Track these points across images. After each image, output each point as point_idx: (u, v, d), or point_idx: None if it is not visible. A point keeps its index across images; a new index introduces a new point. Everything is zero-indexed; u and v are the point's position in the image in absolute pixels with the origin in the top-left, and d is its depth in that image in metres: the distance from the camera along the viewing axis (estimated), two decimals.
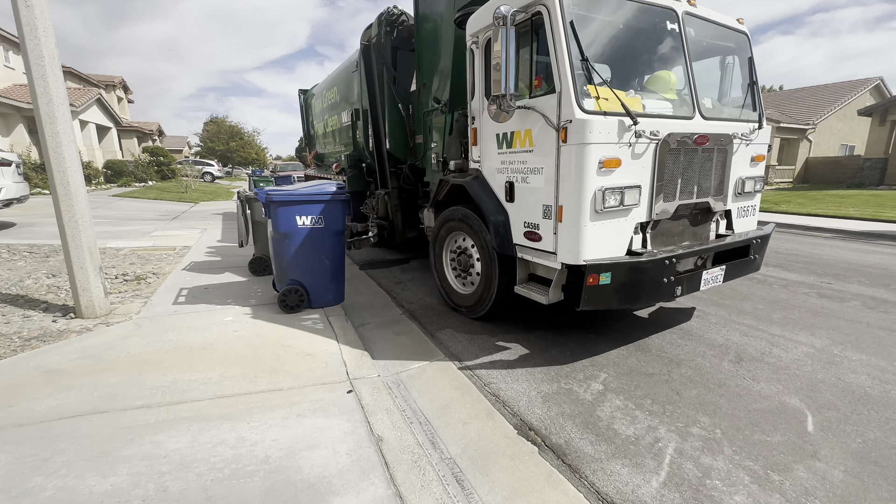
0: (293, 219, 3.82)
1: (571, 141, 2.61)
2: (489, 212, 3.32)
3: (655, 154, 2.83)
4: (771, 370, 2.90)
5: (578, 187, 2.62)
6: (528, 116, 2.91)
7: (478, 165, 3.55)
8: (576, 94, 2.61)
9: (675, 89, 3.17)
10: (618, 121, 2.64)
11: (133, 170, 22.40)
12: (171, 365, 2.83)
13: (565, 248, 2.76)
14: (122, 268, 5.36)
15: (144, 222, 9.75)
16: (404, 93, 5.29)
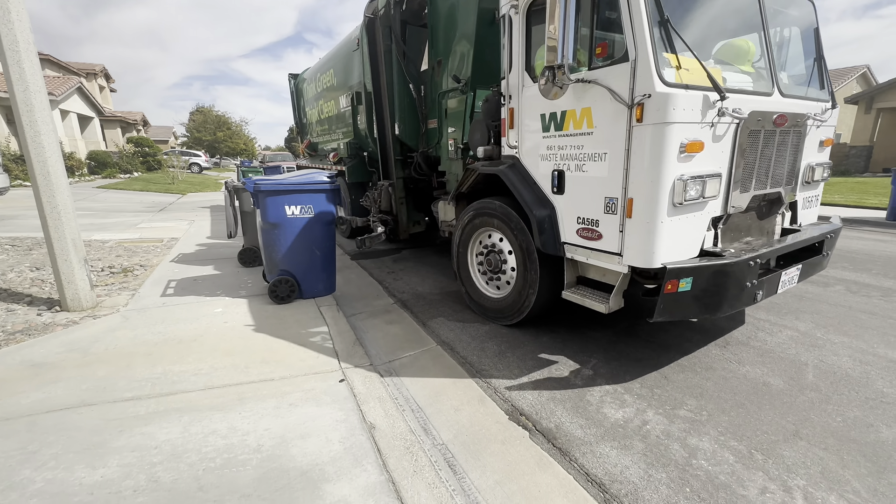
0: (282, 208, 3.77)
1: (649, 120, 2.19)
2: (530, 205, 2.91)
3: (735, 136, 2.45)
4: (756, 353, 2.96)
5: (655, 176, 2.23)
6: (586, 92, 2.49)
7: (514, 152, 3.12)
8: (656, 62, 2.18)
9: (751, 61, 2.78)
10: (702, 96, 2.25)
11: (118, 161, 21.92)
12: (161, 357, 2.80)
13: (635, 248, 2.38)
14: (109, 260, 5.27)
15: (130, 214, 9.58)
16: (415, 72, 4.79)
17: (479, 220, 3.51)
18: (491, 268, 3.51)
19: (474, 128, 3.61)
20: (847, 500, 1.76)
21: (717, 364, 2.83)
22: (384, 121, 5.21)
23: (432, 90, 4.54)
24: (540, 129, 2.87)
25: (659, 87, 2.16)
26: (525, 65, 2.95)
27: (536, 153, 2.94)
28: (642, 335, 3.25)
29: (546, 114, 2.81)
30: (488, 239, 3.53)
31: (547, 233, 2.86)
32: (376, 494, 1.71)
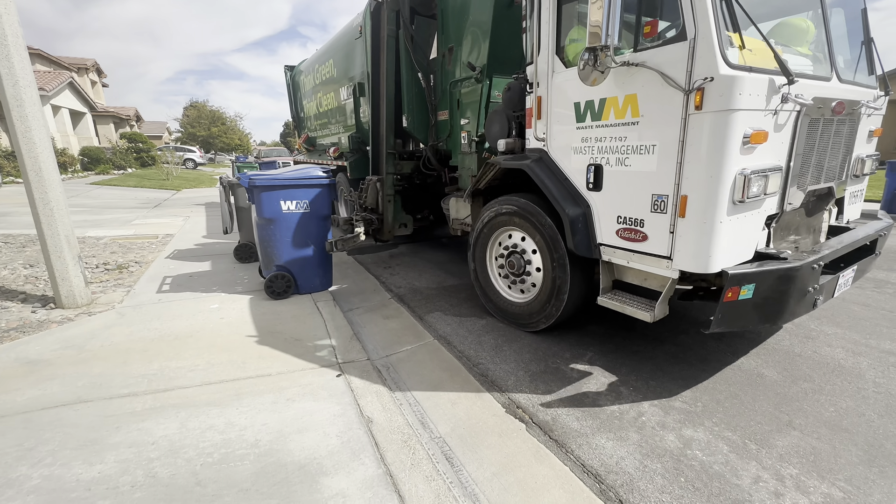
0: (277, 204, 3.76)
1: (710, 107, 1.96)
2: (561, 203, 2.68)
3: (796, 125, 2.25)
4: (750, 345, 2.99)
5: (715, 170, 2.00)
6: (632, 76, 2.24)
7: (541, 144, 2.87)
8: (720, 41, 1.93)
9: (809, 42, 2.57)
10: (768, 80, 2.03)
11: (111, 157, 21.72)
12: (157, 353, 2.80)
13: (688, 251, 2.17)
14: (103, 257, 5.23)
15: (125, 210, 9.51)
16: (423, 60, 4.58)
17: (501, 218, 3.24)
18: (513, 270, 3.26)
19: (492, 119, 3.37)
20: (839, 487, 1.78)
21: (712, 356, 2.85)
22: (379, 110, 5.02)
23: (443, 79, 4.33)
24: (573, 119, 2.63)
25: (723, 69, 1.92)
26: (555, 48, 2.69)
27: (568, 146, 2.70)
28: (638, 327, 3.27)
29: (581, 102, 2.56)
30: (509, 239, 3.29)
31: (580, 233, 2.64)
32: (374, 488, 1.72)
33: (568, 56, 2.66)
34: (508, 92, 3.21)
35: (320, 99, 7.53)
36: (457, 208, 4.21)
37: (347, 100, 6.22)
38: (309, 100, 8.25)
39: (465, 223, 4.12)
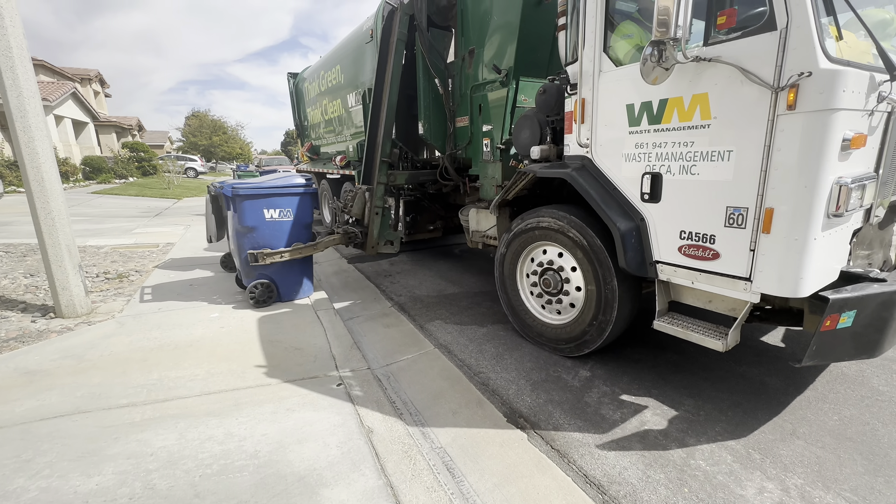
0: (260, 212, 3.81)
1: (806, 106, 1.75)
2: (611, 216, 2.46)
3: (887, 128, 2.05)
4: (753, 353, 2.97)
5: (811, 180, 1.79)
6: (701, 73, 2.04)
7: (585, 151, 2.66)
8: (818, 30, 1.72)
9: (892, 35, 2.37)
10: (868, 76, 1.83)
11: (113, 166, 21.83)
12: (157, 363, 2.78)
13: (773, 272, 1.94)
14: (104, 266, 5.24)
15: (126, 219, 9.53)
16: (441, 64, 4.45)
17: (536, 232, 2.98)
18: (548, 289, 2.99)
19: (521, 124, 3.17)
20: (845, 498, 1.76)
21: (714, 364, 2.84)
22: (378, 116, 4.91)
23: (462, 84, 4.16)
24: (625, 123, 2.42)
25: (823, 62, 1.71)
26: (603, 46, 2.50)
27: (618, 152, 2.49)
28: (639, 335, 3.25)
29: (636, 104, 2.35)
30: (543, 255, 3.03)
31: (633, 249, 2.41)
32: (374, 499, 1.70)
33: (618, 54, 2.49)
34: (543, 95, 3.02)
35: (325, 106, 7.41)
36: (477, 220, 4.03)
37: (356, 106, 6.10)
38: (313, 107, 8.13)
39: (487, 235, 3.97)
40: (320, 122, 7.92)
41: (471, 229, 4.17)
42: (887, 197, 2.28)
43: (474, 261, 5.73)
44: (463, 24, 4.04)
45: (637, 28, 2.44)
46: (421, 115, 4.60)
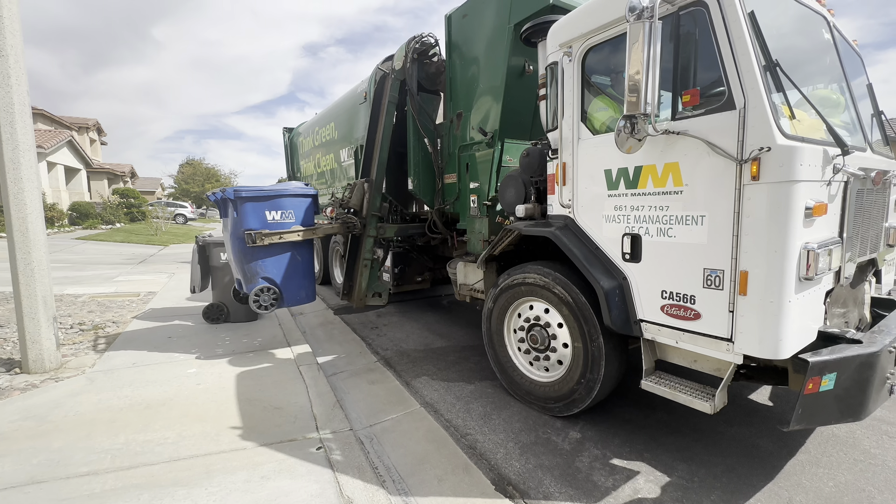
0: (263, 214, 3.84)
1: (768, 178, 1.88)
2: (594, 274, 2.51)
3: (845, 196, 2.21)
4: (743, 413, 2.93)
5: (780, 245, 1.89)
6: (672, 145, 2.18)
7: (567, 211, 2.78)
8: (773, 111, 1.90)
9: (841, 113, 2.62)
10: (822, 150, 2.00)
11: (101, 212, 21.74)
12: (125, 424, 2.63)
13: (753, 333, 1.98)
14: (80, 316, 5.06)
15: (108, 266, 9.35)
16: (430, 125, 4.70)
17: (522, 288, 3.01)
18: (536, 345, 2.98)
19: (507, 183, 3.30)
20: None
21: (705, 424, 2.78)
22: (369, 173, 5.11)
23: (450, 144, 4.37)
24: (604, 187, 2.54)
25: (780, 139, 1.86)
26: (581, 116, 2.67)
27: (599, 213, 2.60)
28: (629, 393, 3.20)
29: (613, 169, 2.48)
30: (530, 311, 3.03)
31: (617, 307, 2.45)
32: None
33: (594, 124, 2.65)
34: (527, 157, 3.18)
35: (318, 159, 7.70)
36: (465, 273, 4.06)
37: (348, 161, 6.36)
38: (307, 160, 8.45)
39: (474, 289, 3.99)
40: (313, 174, 8.20)
41: (458, 282, 4.19)
42: (854, 258, 2.38)
43: (462, 313, 5.69)
44: (451, 89, 4.30)
45: (611, 101, 2.64)
46: (411, 171, 4.77)
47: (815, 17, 2.56)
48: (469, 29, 3.99)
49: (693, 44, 2.14)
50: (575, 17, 2.66)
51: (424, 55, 4.67)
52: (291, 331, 4.70)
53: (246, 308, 4.90)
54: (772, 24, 2.17)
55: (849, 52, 2.83)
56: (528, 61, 3.68)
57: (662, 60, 2.03)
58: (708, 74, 2.11)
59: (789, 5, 2.40)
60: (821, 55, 2.63)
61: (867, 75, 3.08)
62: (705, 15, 2.05)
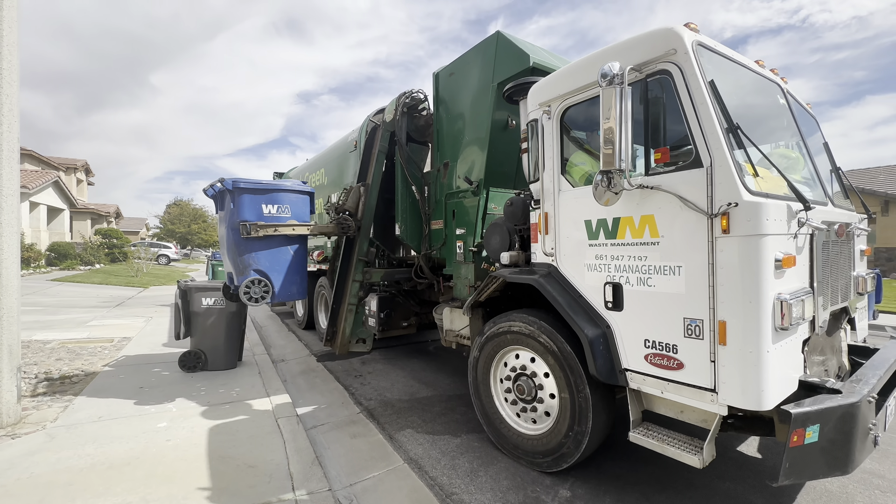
0: (259, 207, 3.92)
1: (738, 231, 1.97)
2: (578, 322, 2.52)
3: (812, 248, 2.31)
4: (734, 466, 2.87)
5: (754, 295, 1.95)
6: (647, 198, 2.28)
7: (550, 260, 2.83)
8: (737, 169, 2.03)
9: (801, 170, 2.77)
10: (786, 205, 2.11)
11: (80, 252, 21.26)
12: (84, 487, 2.43)
13: (735, 384, 1.99)
14: (47, 364, 4.81)
15: (82, 310, 9.01)
16: (418, 174, 4.86)
17: (507, 336, 2.99)
18: (522, 395, 2.92)
19: (492, 231, 3.37)
20: None
21: (697, 479, 2.70)
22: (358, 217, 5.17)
23: (437, 191, 4.50)
24: (585, 236, 2.62)
25: (746, 195, 1.97)
26: (560, 169, 2.80)
27: (581, 262, 2.65)
28: (618, 446, 3.12)
29: (592, 220, 2.57)
30: (516, 360, 2.99)
31: (602, 356, 2.45)
32: None
33: (573, 176, 2.75)
34: (511, 206, 3.26)
35: None
36: (451, 319, 4.04)
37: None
38: None
39: (460, 335, 3.96)
40: None
41: (445, 328, 4.15)
42: (827, 307, 2.46)
43: (448, 359, 5.58)
44: (439, 140, 4.49)
45: (588, 156, 2.78)
46: (398, 217, 4.85)
47: (770, 84, 2.81)
48: (455, 86, 4.23)
49: (661, 106, 2.30)
50: (553, 80, 2.85)
51: (414, 109, 4.90)
52: (271, 379, 4.52)
53: (224, 355, 4.77)
54: (731, 90, 2.36)
55: (803, 114, 3.07)
56: (510, 116, 3.88)
57: (634, 120, 2.19)
58: (677, 133, 2.25)
59: (746, 74, 2.63)
60: (778, 118, 2.85)
61: (823, 134, 3.33)
62: (670, 82, 2.22)
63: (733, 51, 2.55)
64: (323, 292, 6.75)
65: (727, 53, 2.48)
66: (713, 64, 2.30)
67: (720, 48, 2.43)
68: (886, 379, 2.45)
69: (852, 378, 2.31)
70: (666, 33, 2.23)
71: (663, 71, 2.24)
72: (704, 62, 2.20)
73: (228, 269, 4.23)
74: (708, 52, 2.30)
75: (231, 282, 4.24)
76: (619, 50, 2.40)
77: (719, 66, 2.37)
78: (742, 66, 2.60)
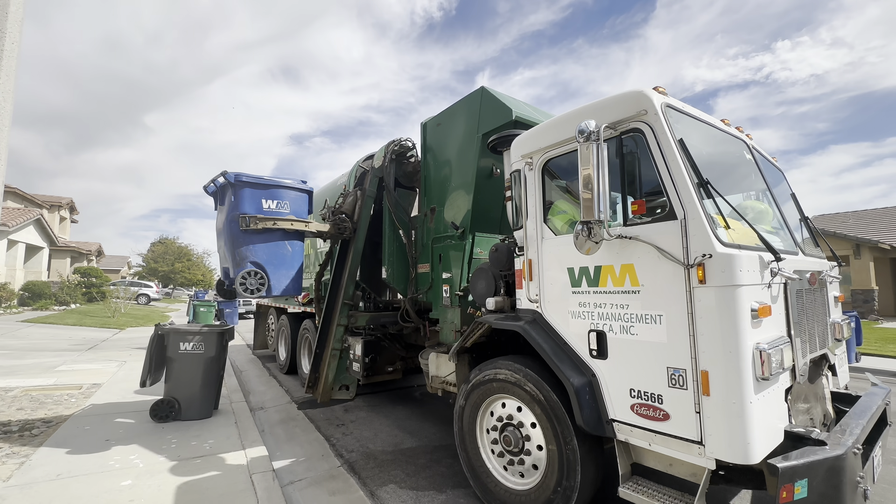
0: (259, 202, 4.07)
1: (714, 282, 2.00)
2: (564, 370, 2.49)
3: (786, 297, 2.34)
4: None
5: (733, 346, 1.96)
6: (626, 248, 2.34)
7: (535, 306, 2.84)
8: (709, 221, 2.10)
9: (770, 221, 2.86)
10: (758, 256, 2.15)
11: (56, 291, 20.58)
12: None
13: (721, 436, 1.95)
14: (7, 414, 4.52)
15: (52, 354, 8.60)
16: (405, 218, 4.94)
17: (493, 385, 2.92)
18: (509, 447, 2.82)
19: (478, 276, 3.39)
20: None
21: None
22: (345, 259, 5.20)
23: (424, 235, 4.55)
24: (568, 284, 2.64)
25: (719, 247, 2.03)
26: (543, 217, 2.86)
27: (565, 309, 2.66)
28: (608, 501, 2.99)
29: (575, 268, 2.60)
30: (502, 409, 2.92)
31: (588, 406, 2.40)
32: None
33: (555, 225, 2.81)
34: (496, 252, 3.28)
35: None
36: (437, 364, 3.96)
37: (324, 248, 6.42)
38: None
39: (446, 381, 3.87)
40: None
41: (431, 374, 4.06)
42: (806, 355, 2.48)
43: (434, 406, 5.41)
44: (426, 186, 4.59)
45: (569, 205, 2.87)
46: (385, 260, 4.87)
47: (736, 140, 2.98)
48: (442, 135, 4.40)
49: (636, 160, 2.41)
50: (534, 134, 2.98)
51: (402, 156, 5.06)
52: (248, 429, 4.31)
53: (199, 403, 4.56)
54: (700, 147, 2.50)
55: (769, 166, 3.25)
56: (495, 164, 4.02)
57: (612, 173, 2.28)
58: (652, 186, 2.34)
59: (713, 132, 2.80)
60: (745, 171, 3.01)
61: (789, 185, 3.50)
62: (643, 139, 2.35)
63: (700, 111, 2.73)
64: (307, 335, 6.60)
65: (694, 113, 2.65)
66: (682, 123, 2.44)
67: (687, 109, 2.60)
68: (870, 428, 2.44)
69: (836, 429, 2.31)
70: (637, 96, 2.39)
71: (636, 129, 2.37)
72: (673, 122, 2.34)
73: (224, 264, 4.31)
74: (676, 112, 2.45)
75: (226, 276, 4.35)
76: (595, 109, 2.55)
77: (687, 125, 2.52)
78: (709, 125, 2.77)
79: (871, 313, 15.88)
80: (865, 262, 16.47)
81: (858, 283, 16.52)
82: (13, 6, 3.19)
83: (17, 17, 3.21)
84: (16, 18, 3.13)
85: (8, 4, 3.10)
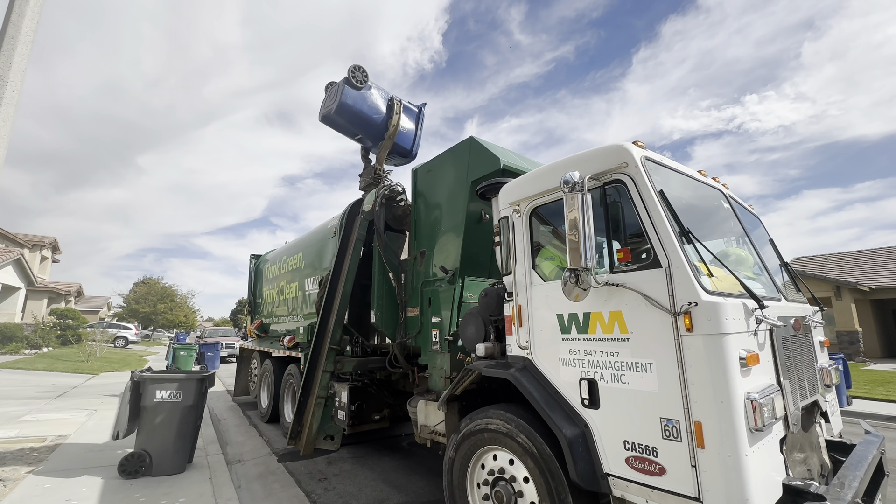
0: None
1: (701, 330, 1.99)
2: (555, 419, 2.42)
3: (772, 344, 2.33)
4: None
5: (725, 395, 1.91)
6: (613, 295, 2.34)
7: (525, 353, 2.80)
8: (693, 270, 2.11)
9: (752, 268, 2.88)
10: (741, 304, 2.15)
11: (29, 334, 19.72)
12: None
13: (719, 492, 1.87)
14: None
15: (17, 402, 8.10)
16: (395, 261, 4.92)
17: (484, 435, 2.82)
18: (501, 503, 2.70)
19: (467, 321, 3.36)
20: None
21: None
22: (332, 304, 5.15)
23: (413, 279, 4.52)
24: (558, 330, 2.62)
25: (704, 295, 2.03)
26: (531, 264, 2.87)
27: (555, 356, 2.62)
28: None
29: (564, 314, 2.59)
30: (494, 461, 2.81)
31: (582, 459, 2.30)
32: None
33: (543, 271, 2.82)
34: (486, 297, 3.26)
35: (283, 287, 7.76)
36: (426, 413, 3.82)
37: (312, 290, 6.41)
38: (270, 287, 8.49)
39: (435, 431, 3.72)
40: (275, 301, 8.20)
41: (419, 423, 3.91)
42: (797, 402, 2.46)
43: (423, 458, 5.16)
44: (416, 230, 4.63)
45: (557, 252, 2.91)
46: (374, 303, 4.81)
47: (713, 190, 3.11)
48: (432, 181, 4.51)
49: (620, 209, 2.48)
50: (521, 182, 3.06)
51: (392, 200, 5.15)
52: (223, 485, 4.04)
53: (173, 457, 4.30)
54: (679, 197, 2.59)
55: (746, 213, 3.36)
56: (484, 210, 4.11)
57: (597, 221, 2.33)
58: (637, 234, 2.39)
59: (691, 183, 2.92)
60: (724, 219, 3.11)
61: (767, 231, 3.61)
62: (626, 189, 2.44)
63: (677, 163, 2.87)
64: (291, 381, 6.37)
65: (672, 165, 2.78)
66: (661, 175, 2.55)
67: (666, 161, 2.73)
68: (868, 480, 2.39)
69: (834, 482, 2.25)
70: (617, 149, 2.51)
71: (618, 180, 2.47)
72: (653, 174, 2.45)
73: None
74: (655, 164, 2.57)
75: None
76: (579, 160, 2.67)
77: (666, 176, 2.63)
78: (687, 176, 2.90)
79: (858, 355, 16.00)
80: (847, 303, 16.81)
81: (842, 325, 16.75)
82: (17, 57, 3.30)
83: (21, 67, 3.32)
84: (19, 69, 3.23)
85: (13, 55, 3.22)
